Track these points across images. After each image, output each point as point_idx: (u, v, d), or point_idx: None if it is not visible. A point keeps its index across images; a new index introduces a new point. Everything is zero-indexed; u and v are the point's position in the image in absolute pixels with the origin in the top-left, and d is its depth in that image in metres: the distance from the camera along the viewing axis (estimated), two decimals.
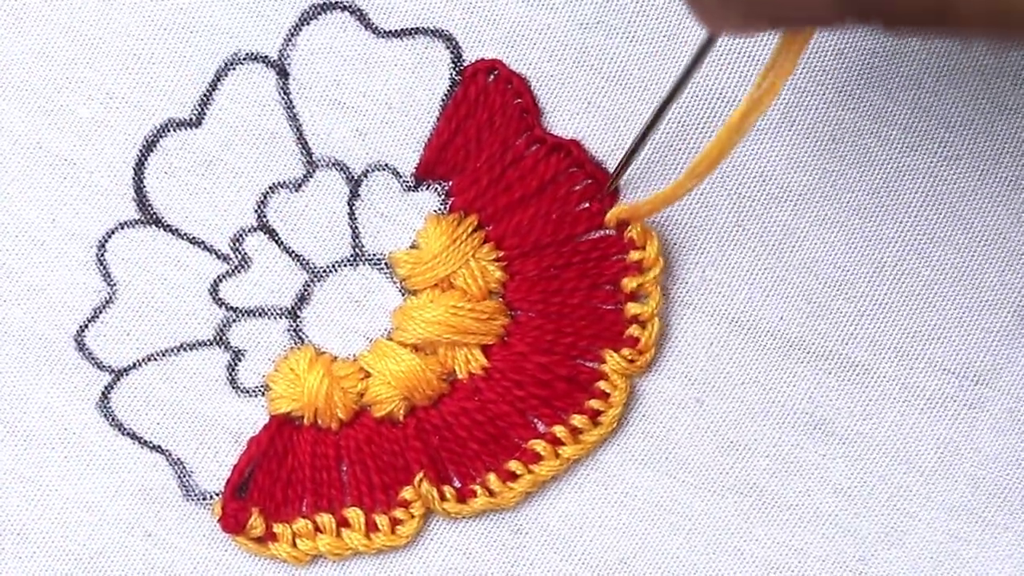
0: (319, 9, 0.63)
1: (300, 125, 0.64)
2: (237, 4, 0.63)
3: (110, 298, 0.65)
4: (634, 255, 0.64)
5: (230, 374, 0.65)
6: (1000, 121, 0.63)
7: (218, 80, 0.63)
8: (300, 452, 0.65)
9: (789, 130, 0.64)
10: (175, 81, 0.64)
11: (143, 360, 0.65)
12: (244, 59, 0.63)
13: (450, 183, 0.64)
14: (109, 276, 0.64)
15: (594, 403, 0.65)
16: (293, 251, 0.64)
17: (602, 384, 0.65)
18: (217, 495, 0.65)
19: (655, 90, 0.63)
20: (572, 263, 0.64)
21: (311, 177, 0.64)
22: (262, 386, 0.65)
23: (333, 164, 0.64)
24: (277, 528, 0.65)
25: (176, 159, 0.64)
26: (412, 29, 0.63)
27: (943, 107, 0.63)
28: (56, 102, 0.64)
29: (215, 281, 0.65)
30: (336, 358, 0.65)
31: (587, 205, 0.64)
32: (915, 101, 0.63)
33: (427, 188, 0.64)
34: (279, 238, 0.64)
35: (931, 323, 0.65)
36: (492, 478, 0.65)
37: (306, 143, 0.64)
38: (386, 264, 0.65)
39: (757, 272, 0.65)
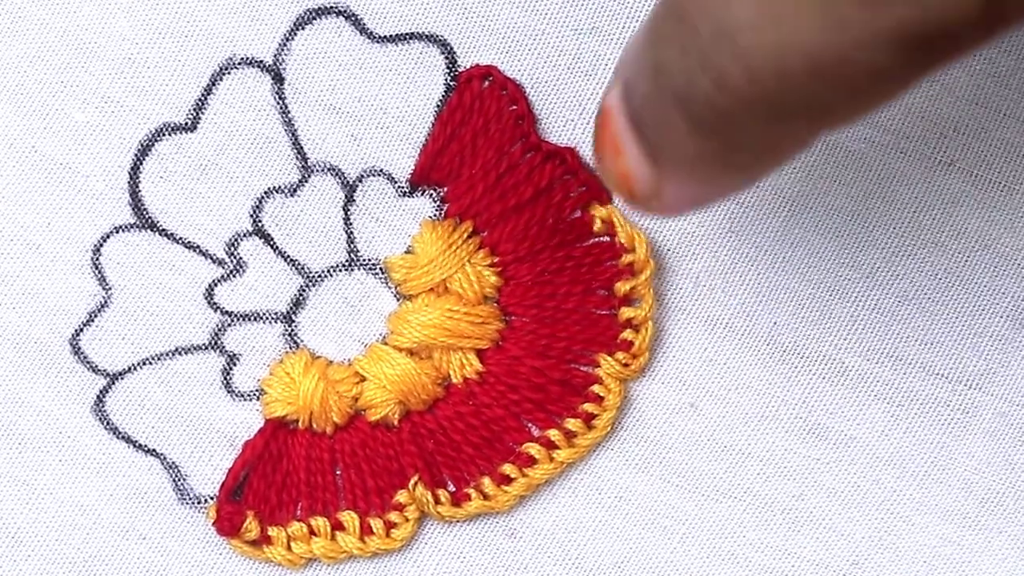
0: (314, 14, 0.63)
1: (295, 130, 0.64)
2: (232, 9, 0.63)
3: (105, 302, 0.65)
4: (625, 258, 0.64)
5: (225, 378, 0.65)
6: (993, 125, 0.63)
7: (213, 84, 0.63)
8: (295, 456, 0.65)
9: None
10: (170, 85, 0.64)
11: (138, 364, 0.65)
12: (239, 64, 0.63)
13: (445, 189, 0.64)
14: (104, 280, 0.64)
15: (588, 407, 0.65)
16: (288, 256, 0.64)
17: (596, 388, 0.65)
18: (212, 498, 0.66)
19: None
20: (566, 268, 0.64)
21: (306, 182, 0.64)
22: (257, 390, 0.65)
23: (328, 169, 0.64)
24: (272, 531, 0.65)
25: (171, 163, 0.64)
26: (407, 34, 0.63)
27: (936, 111, 0.63)
28: (51, 106, 0.64)
29: (210, 285, 0.65)
30: (331, 362, 0.65)
31: (580, 212, 0.64)
32: (908, 105, 0.63)
33: (422, 194, 0.64)
34: (274, 243, 0.64)
35: (924, 327, 0.65)
36: (486, 481, 0.65)
37: (301, 148, 0.64)
38: (381, 269, 0.65)
39: (751, 277, 0.65)
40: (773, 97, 0.39)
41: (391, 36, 0.63)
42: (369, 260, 0.65)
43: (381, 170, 0.64)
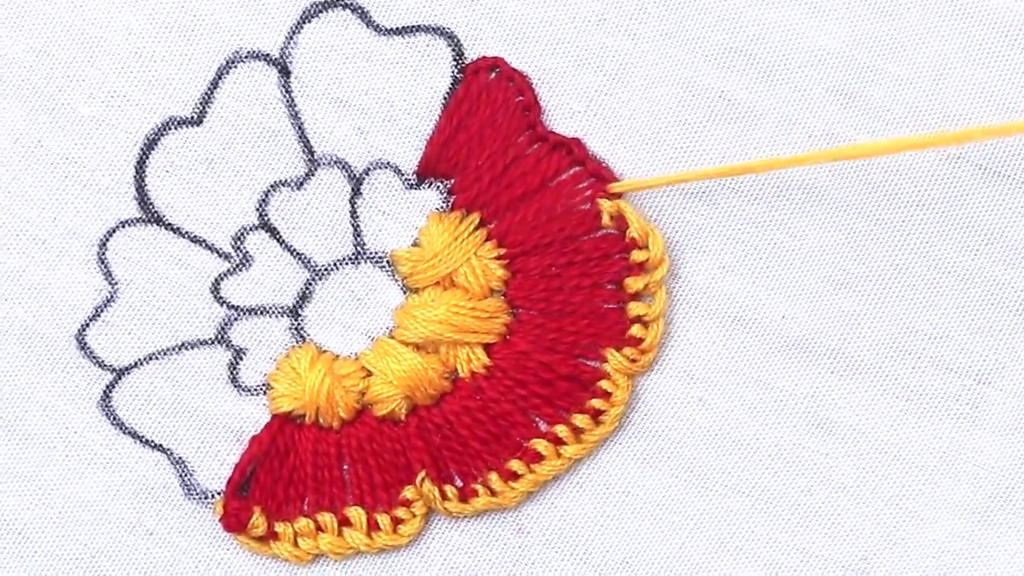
0: (321, 7, 0.63)
1: (302, 123, 0.64)
2: (239, 2, 0.63)
3: (111, 297, 0.65)
4: (637, 255, 0.64)
5: (231, 373, 0.65)
6: (1002, 118, 0.63)
7: (219, 78, 0.64)
8: (302, 451, 0.65)
9: (789, 129, 0.64)
10: (176, 79, 0.64)
11: (144, 359, 0.65)
12: (246, 57, 0.63)
13: (452, 181, 0.64)
14: (110, 275, 0.64)
15: (596, 402, 0.65)
16: (295, 249, 0.64)
17: (604, 383, 0.65)
18: (219, 494, 0.65)
19: (656, 88, 0.64)
20: (574, 262, 0.64)
21: (313, 175, 0.64)
22: (263, 385, 0.65)
23: (335, 162, 0.64)
24: (279, 527, 0.65)
25: (177, 157, 0.64)
26: (414, 26, 0.63)
27: (943, 106, 0.63)
28: (57, 100, 0.64)
29: (216, 279, 0.65)
30: (338, 357, 0.65)
31: (588, 205, 0.64)
32: (915, 99, 0.63)
33: (429, 186, 0.64)
34: (280, 236, 0.64)
35: (933, 322, 0.65)
36: (494, 477, 0.65)
37: (308, 141, 0.64)
38: (388, 262, 0.65)
39: (759, 271, 0.65)
40: None
41: (398, 29, 0.63)
42: (376, 253, 0.65)
43: (388, 163, 0.64)
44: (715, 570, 0.66)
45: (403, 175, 0.64)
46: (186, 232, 0.64)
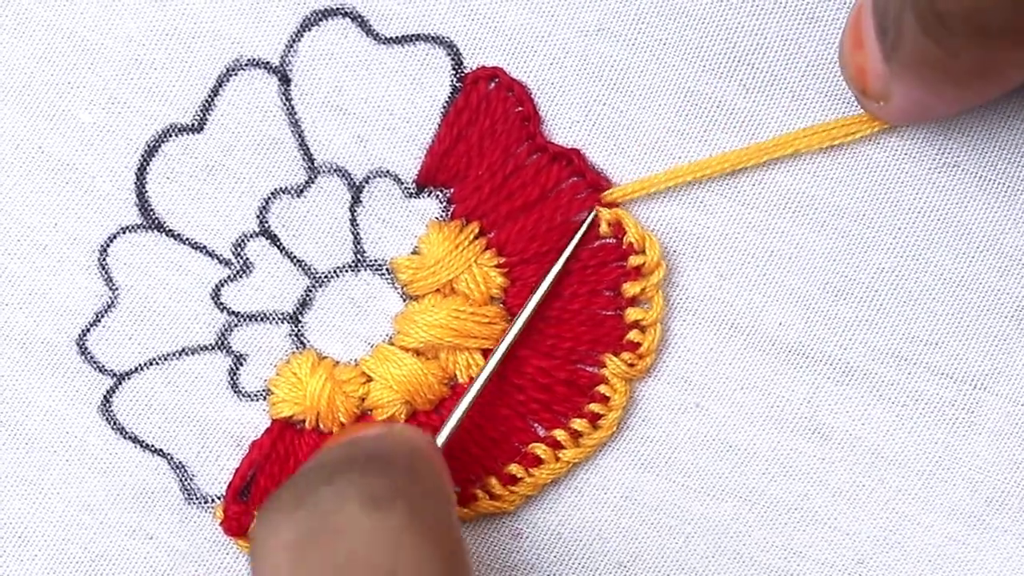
0: (321, 15, 0.63)
1: (302, 131, 0.64)
2: (239, 10, 0.63)
3: (112, 302, 0.65)
4: (634, 260, 0.64)
5: (232, 378, 0.65)
6: (998, 128, 0.64)
7: (220, 86, 0.64)
8: (302, 456, 0.65)
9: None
10: (177, 86, 0.64)
11: (145, 364, 0.65)
12: (246, 65, 0.64)
13: (451, 190, 0.64)
14: (111, 280, 0.65)
15: (594, 407, 0.65)
16: (295, 256, 0.65)
17: (602, 388, 0.65)
18: (219, 498, 0.66)
19: (656, 98, 0.64)
20: (572, 269, 0.64)
21: (313, 183, 0.64)
22: (264, 390, 0.65)
23: (335, 170, 0.64)
24: None
25: (178, 164, 0.64)
26: (413, 36, 0.64)
27: None
28: (58, 107, 0.64)
29: (217, 286, 0.65)
30: (338, 363, 0.65)
31: (586, 214, 0.64)
32: None
33: (428, 195, 0.65)
34: (281, 243, 0.65)
35: (929, 328, 0.65)
36: (493, 481, 0.65)
37: (308, 149, 0.64)
38: (388, 270, 0.65)
39: (756, 277, 0.65)
40: (976, 15, 0.47)
41: (397, 37, 0.64)
42: (376, 261, 0.65)
43: (387, 171, 0.64)
44: (712, 574, 0.66)
45: (403, 184, 0.64)
46: (187, 238, 0.64)
